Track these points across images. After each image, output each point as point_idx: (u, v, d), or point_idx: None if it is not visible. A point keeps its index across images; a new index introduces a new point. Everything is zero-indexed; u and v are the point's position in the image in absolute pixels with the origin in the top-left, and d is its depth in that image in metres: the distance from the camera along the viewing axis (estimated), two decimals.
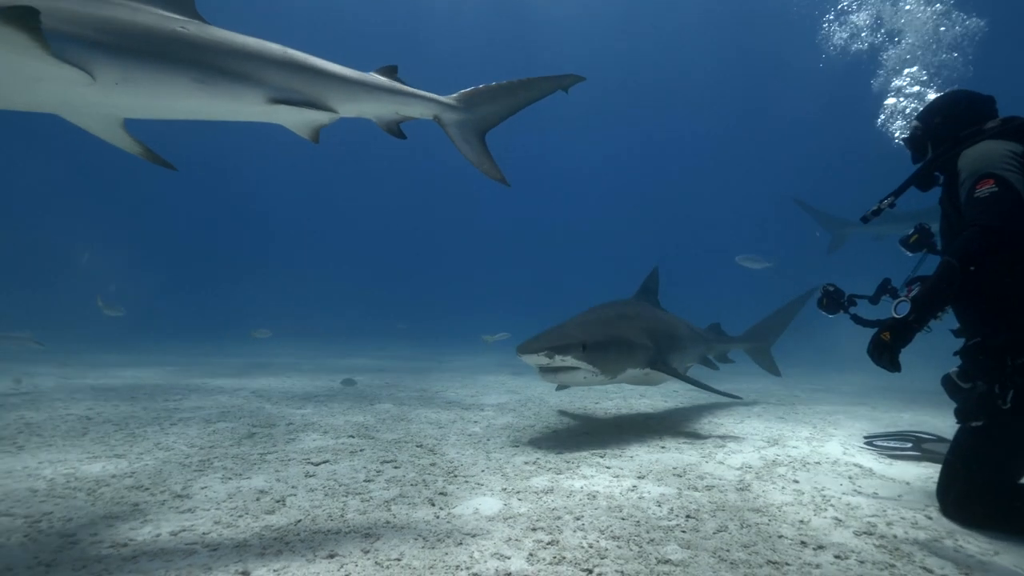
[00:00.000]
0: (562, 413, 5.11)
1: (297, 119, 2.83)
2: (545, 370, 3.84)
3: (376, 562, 1.81)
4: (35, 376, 6.56)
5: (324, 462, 3.11)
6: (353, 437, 3.80)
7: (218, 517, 2.20)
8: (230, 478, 2.75)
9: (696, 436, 4.14)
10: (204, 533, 2.03)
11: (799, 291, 6.65)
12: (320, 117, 2.83)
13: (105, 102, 2.28)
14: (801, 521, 2.31)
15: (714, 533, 2.13)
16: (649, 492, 2.66)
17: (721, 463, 3.31)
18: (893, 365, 2.12)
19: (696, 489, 2.74)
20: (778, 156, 33.49)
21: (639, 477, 2.93)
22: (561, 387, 5.36)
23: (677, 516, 2.32)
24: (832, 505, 2.54)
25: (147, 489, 2.55)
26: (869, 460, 3.48)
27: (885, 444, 3.77)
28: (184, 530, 2.06)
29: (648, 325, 4.55)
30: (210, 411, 4.67)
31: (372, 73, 3.04)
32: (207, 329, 16.54)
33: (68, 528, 2.05)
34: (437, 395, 6.14)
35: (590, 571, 1.76)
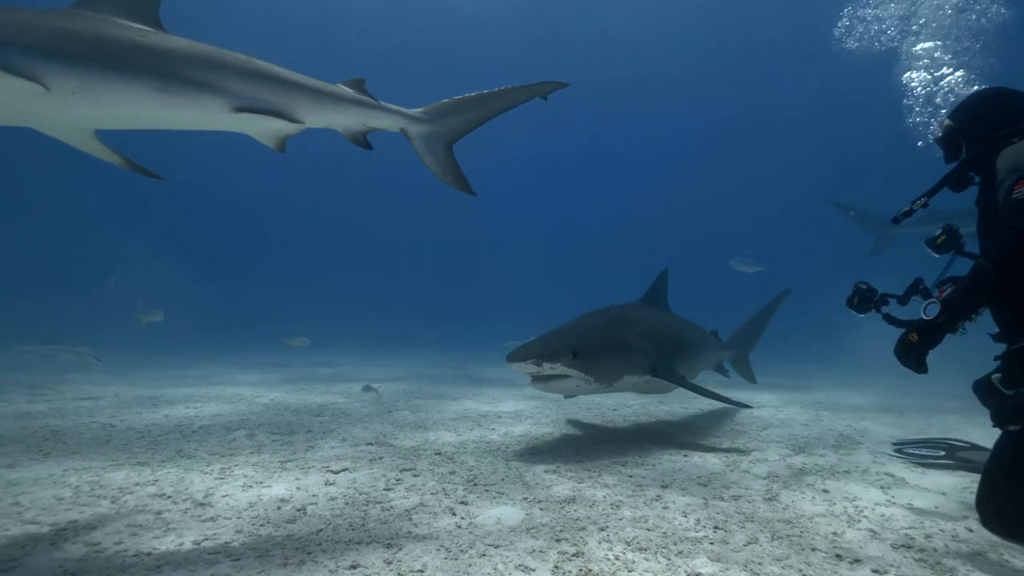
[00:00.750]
0: (580, 420, 5.05)
1: (263, 128, 2.84)
2: (536, 378, 3.68)
3: (399, 573, 1.78)
4: (60, 383, 6.69)
5: (344, 470, 3.10)
6: (371, 445, 3.79)
7: (240, 526, 2.20)
8: (251, 486, 2.75)
9: (719, 443, 4.06)
10: (226, 543, 2.02)
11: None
12: (286, 127, 2.84)
13: (65, 113, 2.29)
14: (834, 533, 2.23)
15: (744, 545, 2.07)
16: (674, 502, 2.60)
17: (746, 472, 3.23)
18: (920, 367, 2.09)
19: (722, 499, 2.67)
20: (804, 153, 33.14)
21: (663, 486, 2.87)
22: (569, 395, 5.24)
23: (704, 527, 2.26)
24: (865, 516, 2.46)
25: (169, 497, 2.56)
26: (900, 469, 3.37)
27: (916, 452, 3.65)
28: (206, 539, 2.05)
29: (650, 329, 4.34)
30: (230, 418, 4.70)
31: (339, 85, 3.07)
32: (226, 336, 16.73)
33: (93, 537, 2.06)
34: (455, 402, 6.12)
35: None
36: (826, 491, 2.85)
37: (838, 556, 1.99)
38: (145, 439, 3.81)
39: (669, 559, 1.92)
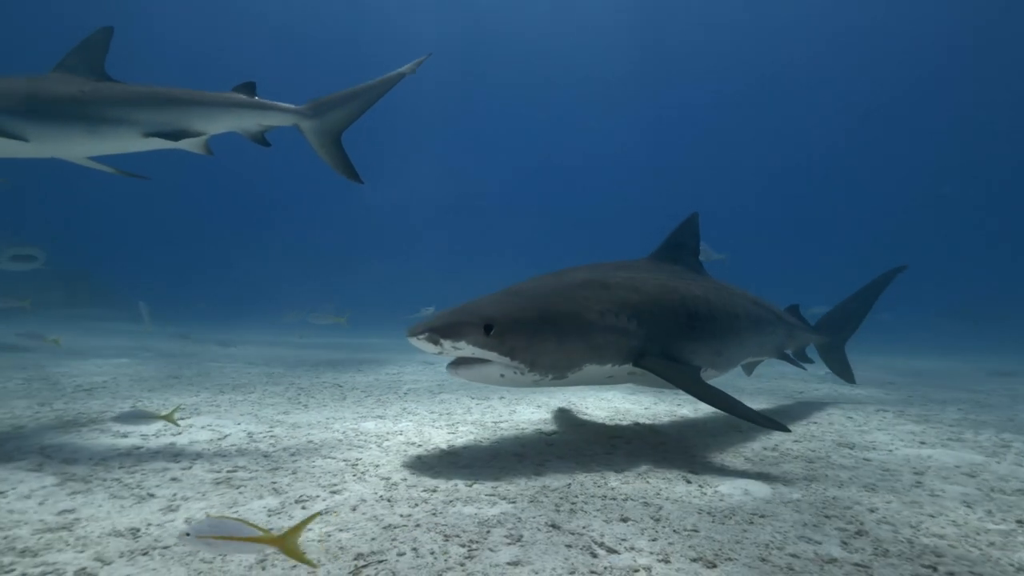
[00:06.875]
0: (769, 393, 4.74)
1: (174, 143, 3.40)
2: (453, 363, 2.68)
3: (674, 530, 1.82)
4: (276, 347, 7.96)
5: (555, 433, 3.25)
6: (565, 411, 3.94)
7: (495, 474, 2.41)
8: (481, 443, 3.01)
9: (958, 431, 3.53)
10: (494, 487, 2.23)
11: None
12: (191, 142, 3.45)
13: (41, 152, 3.13)
14: None
15: None
16: (943, 490, 2.32)
17: (1019, 465, 2.77)
18: None
19: (1005, 493, 2.32)
20: None
21: (917, 472, 2.57)
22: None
23: (1004, 520, 1.97)
24: None
25: (419, 445, 2.90)
26: None
27: None
28: (475, 482, 2.28)
29: (640, 297, 2.96)
30: (429, 383, 5.21)
31: (231, 92, 3.52)
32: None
33: (382, 472, 2.41)
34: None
35: (934, 568, 1.57)
36: None
37: None
38: (371, 397, 4.37)
39: (980, 549, 1.71)
